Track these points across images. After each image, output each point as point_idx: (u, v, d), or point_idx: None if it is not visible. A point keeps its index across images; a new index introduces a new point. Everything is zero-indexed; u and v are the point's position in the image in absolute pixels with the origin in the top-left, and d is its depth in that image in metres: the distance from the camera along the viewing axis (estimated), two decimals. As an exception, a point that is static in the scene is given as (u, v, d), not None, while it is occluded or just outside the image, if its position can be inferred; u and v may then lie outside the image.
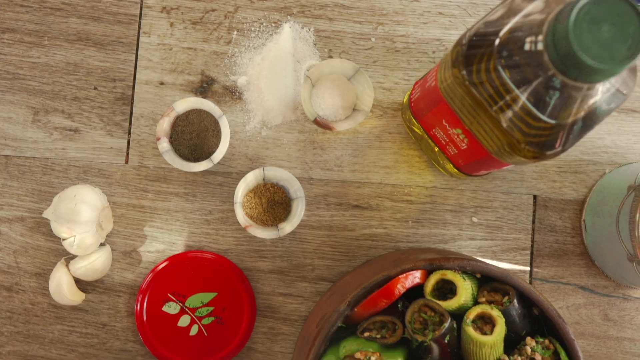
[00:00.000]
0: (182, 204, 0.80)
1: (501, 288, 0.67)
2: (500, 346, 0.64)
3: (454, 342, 0.64)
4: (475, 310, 0.63)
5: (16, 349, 0.78)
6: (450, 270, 0.65)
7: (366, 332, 0.65)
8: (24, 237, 0.79)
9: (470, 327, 0.62)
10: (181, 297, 0.78)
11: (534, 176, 0.82)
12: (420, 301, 0.64)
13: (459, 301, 0.64)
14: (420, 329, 0.63)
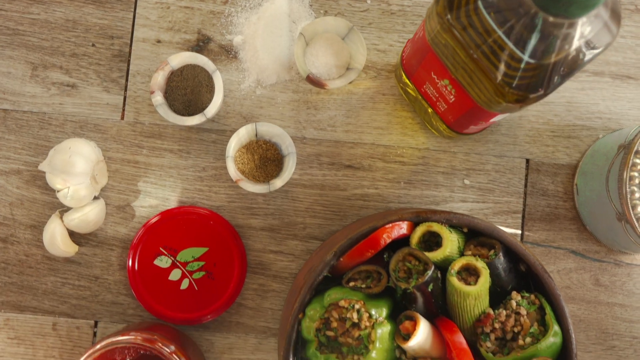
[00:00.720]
0: (176, 160, 0.81)
1: (487, 242, 0.67)
2: (485, 298, 0.64)
3: (438, 293, 0.64)
4: (460, 262, 0.64)
5: (10, 300, 0.79)
6: (436, 223, 0.65)
7: (351, 281, 0.66)
8: (20, 190, 0.80)
9: (455, 278, 0.63)
10: (172, 252, 0.78)
11: (527, 140, 0.82)
12: (405, 250, 0.64)
13: (444, 252, 0.64)
14: (405, 278, 0.63)
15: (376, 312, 0.63)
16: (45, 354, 0.79)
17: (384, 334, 0.62)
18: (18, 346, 0.79)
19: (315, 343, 0.63)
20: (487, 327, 0.63)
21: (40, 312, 0.80)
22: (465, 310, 0.64)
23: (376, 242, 0.65)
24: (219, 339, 0.80)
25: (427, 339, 0.63)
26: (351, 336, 0.62)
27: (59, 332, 0.79)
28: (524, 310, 0.63)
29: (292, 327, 0.64)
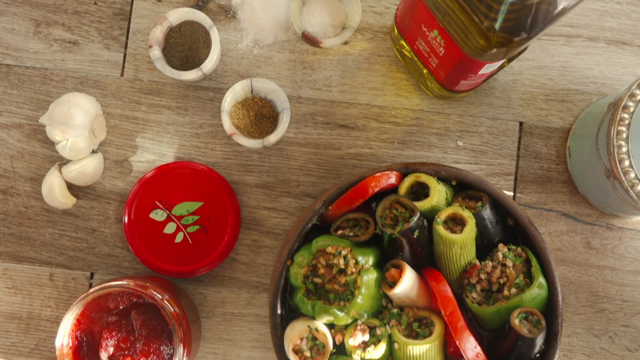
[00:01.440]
0: (173, 117, 0.82)
1: (475, 195, 0.68)
2: (471, 249, 0.65)
3: (425, 242, 0.65)
4: (447, 211, 0.64)
5: (8, 250, 0.81)
6: (424, 174, 0.66)
7: (339, 230, 0.67)
8: (21, 143, 0.82)
9: (441, 226, 0.63)
10: (168, 205, 0.80)
11: (521, 103, 0.83)
12: (392, 197, 0.65)
13: (431, 202, 0.65)
14: (391, 225, 0.64)
15: (363, 259, 0.64)
16: (42, 304, 0.81)
17: (370, 280, 0.63)
18: (15, 295, 0.81)
19: (302, 289, 0.64)
20: (473, 278, 0.64)
21: (37, 263, 0.81)
22: (452, 261, 0.65)
23: (364, 191, 0.66)
24: (212, 292, 0.81)
25: (412, 287, 0.64)
26: (338, 282, 0.63)
27: (55, 283, 0.81)
28: (510, 262, 0.64)
29: (281, 274, 0.65)
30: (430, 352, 0.62)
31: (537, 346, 0.62)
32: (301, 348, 0.63)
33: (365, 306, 0.64)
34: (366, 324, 0.63)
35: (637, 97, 0.68)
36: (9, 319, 0.81)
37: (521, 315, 0.62)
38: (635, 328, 0.81)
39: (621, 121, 0.68)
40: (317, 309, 0.63)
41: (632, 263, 0.82)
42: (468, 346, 0.61)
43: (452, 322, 0.61)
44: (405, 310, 0.65)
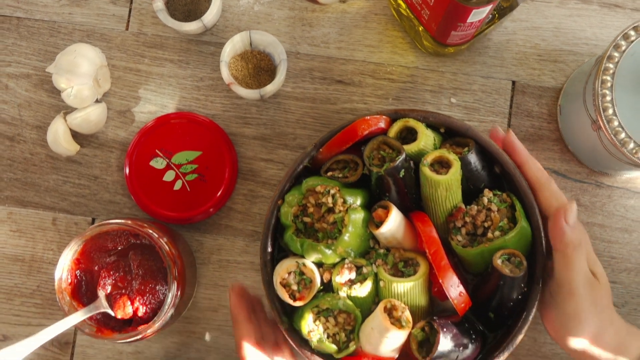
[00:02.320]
0: (175, 70, 0.85)
1: (463, 142, 0.69)
2: (456, 191, 0.66)
3: (412, 184, 0.67)
4: (433, 154, 0.66)
5: (14, 195, 0.84)
6: (413, 119, 0.68)
7: (329, 171, 0.69)
8: (29, 92, 0.85)
9: (427, 167, 0.65)
10: (168, 154, 0.82)
11: (514, 63, 0.85)
12: (380, 138, 0.67)
13: (418, 145, 0.67)
14: (378, 165, 0.66)
15: (351, 198, 0.66)
16: (45, 247, 0.84)
17: (357, 219, 0.65)
18: (19, 238, 0.84)
19: (292, 228, 0.67)
20: (459, 221, 0.65)
21: (41, 208, 0.84)
22: (438, 203, 0.66)
23: (354, 133, 0.68)
24: (209, 240, 0.84)
25: (399, 228, 0.65)
26: (326, 221, 0.65)
27: (58, 227, 0.84)
28: (495, 207, 0.66)
29: (272, 213, 0.68)
30: (415, 289, 0.64)
31: (518, 287, 0.64)
32: (289, 282, 0.65)
33: (352, 244, 0.65)
34: (353, 263, 0.65)
35: (622, 48, 0.70)
36: (12, 261, 0.83)
37: (504, 256, 0.63)
38: (622, 284, 0.83)
39: (606, 71, 0.70)
40: (306, 247, 0.65)
41: (620, 221, 0.83)
42: (451, 284, 0.63)
43: (436, 261, 0.63)
44: (391, 251, 0.66)
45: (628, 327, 0.68)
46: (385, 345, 0.61)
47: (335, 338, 0.64)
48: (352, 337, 0.64)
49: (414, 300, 0.64)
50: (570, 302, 0.63)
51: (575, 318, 0.63)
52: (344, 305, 0.64)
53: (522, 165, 0.67)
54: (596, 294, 0.63)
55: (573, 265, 0.62)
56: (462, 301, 0.63)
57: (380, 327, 0.61)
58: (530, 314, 0.65)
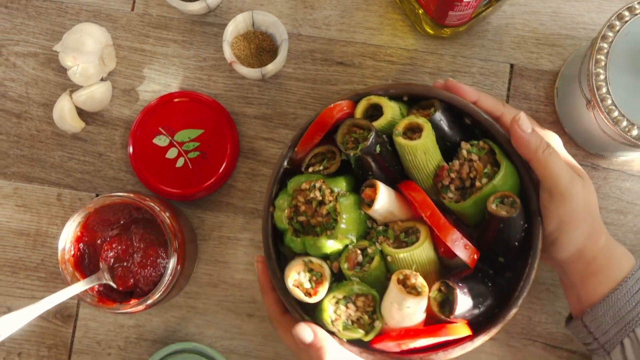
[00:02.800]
0: (179, 50, 0.87)
1: (428, 104, 0.70)
2: (434, 152, 0.67)
3: (389, 156, 0.67)
4: (403, 122, 0.67)
5: (20, 170, 0.86)
6: (375, 96, 0.69)
7: (310, 167, 0.70)
8: (36, 71, 0.87)
9: (400, 137, 0.66)
10: (170, 132, 0.84)
11: (512, 46, 0.86)
12: (348, 121, 0.68)
13: (386, 118, 0.68)
14: (353, 148, 0.67)
15: (337, 187, 0.67)
16: (49, 222, 0.85)
17: (348, 204, 0.66)
18: (25, 213, 0.85)
19: (290, 230, 0.68)
20: (445, 179, 0.67)
21: (46, 183, 0.86)
22: (420, 168, 0.67)
23: (323, 124, 0.69)
24: (210, 217, 0.85)
25: (390, 202, 0.67)
26: (320, 214, 0.67)
27: (62, 203, 0.86)
28: (476, 156, 0.67)
29: (267, 221, 0.69)
30: (421, 255, 0.65)
31: (518, 225, 0.65)
32: (300, 282, 0.66)
33: (350, 229, 0.66)
34: (357, 247, 0.66)
35: (616, 28, 0.71)
36: (17, 235, 0.85)
37: (497, 200, 0.64)
38: (617, 265, 0.84)
39: (600, 50, 0.71)
40: (308, 244, 0.66)
41: (616, 202, 0.84)
42: (454, 239, 0.64)
43: (434, 222, 0.64)
44: (390, 225, 0.68)
45: (616, 242, 0.70)
46: (407, 315, 0.62)
47: (359, 322, 0.65)
48: (376, 317, 0.65)
49: (424, 266, 0.65)
50: (565, 206, 0.64)
51: (571, 221, 0.64)
52: (359, 289, 0.65)
53: (476, 103, 0.68)
54: (586, 192, 0.65)
55: (552, 166, 0.63)
56: (470, 253, 0.64)
57: (398, 299, 0.62)
58: (537, 247, 0.66)
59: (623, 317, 0.66)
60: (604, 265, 0.67)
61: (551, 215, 0.65)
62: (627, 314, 0.66)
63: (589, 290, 0.68)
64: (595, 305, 0.67)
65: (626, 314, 0.66)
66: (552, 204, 0.64)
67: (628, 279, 0.67)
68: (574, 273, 0.69)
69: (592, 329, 0.68)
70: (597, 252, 0.67)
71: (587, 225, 0.66)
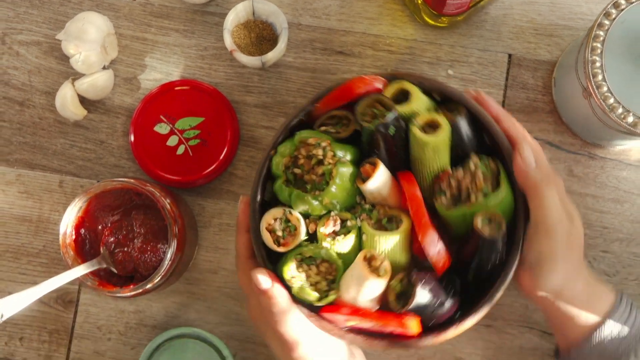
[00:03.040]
0: (180, 39, 0.88)
1: (456, 109, 0.71)
2: (444, 154, 0.68)
3: (401, 142, 0.68)
4: (425, 116, 0.67)
5: (23, 157, 0.87)
6: (408, 82, 0.70)
7: (323, 126, 0.71)
8: (39, 59, 0.88)
9: (417, 128, 0.67)
10: (171, 119, 0.85)
11: (511, 36, 0.87)
12: (374, 96, 0.69)
13: (411, 106, 0.68)
14: (370, 121, 0.67)
15: (341, 153, 0.67)
16: (51, 208, 0.86)
17: (345, 173, 0.67)
18: (27, 199, 0.86)
19: (282, 178, 0.69)
20: (444, 184, 0.67)
21: (49, 170, 0.87)
22: (425, 165, 0.68)
23: (350, 90, 0.69)
24: (210, 204, 0.86)
25: (384, 184, 0.67)
26: (315, 173, 0.67)
27: (64, 189, 0.87)
28: (480, 172, 0.67)
29: (264, 163, 0.70)
30: (396, 244, 0.65)
31: (496, 251, 0.65)
32: (274, 228, 0.67)
33: (339, 197, 0.67)
34: (338, 216, 0.67)
35: (612, 16, 0.72)
36: (20, 221, 0.86)
37: (484, 219, 0.65)
38: (613, 254, 0.84)
39: (596, 38, 0.72)
40: (294, 196, 0.67)
41: (612, 191, 0.85)
42: (430, 240, 0.64)
43: (417, 217, 0.65)
44: (376, 207, 0.68)
45: (597, 279, 0.70)
46: (363, 294, 0.63)
47: (316, 287, 0.66)
48: (333, 287, 0.66)
49: (394, 255, 0.65)
50: (547, 241, 0.64)
51: (550, 259, 0.65)
52: (327, 255, 0.65)
53: (497, 118, 0.69)
54: (572, 236, 0.65)
55: (546, 202, 0.64)
56: (441, 259, 0.65)
57: (359, 276, 0.63)
58: (508, 275, 0.66)
59: (610, 355, 0.67)
60: (584, 306, 0.67)
61: (533, 248, 0.65)
62: (614, 351, 0.67)
63: (572, 330, 0.68)
64: (579, 344, 0.68)
65: (613, 351, 0.67)
66: (535, 236, 0.65)
67: (610, 317, 0.67)
68: (554, 314, 0.69)
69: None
70: (574, 296, 0.67)
71: (567, 265, 0.66)
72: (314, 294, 0.65)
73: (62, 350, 0.85)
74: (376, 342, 0.66)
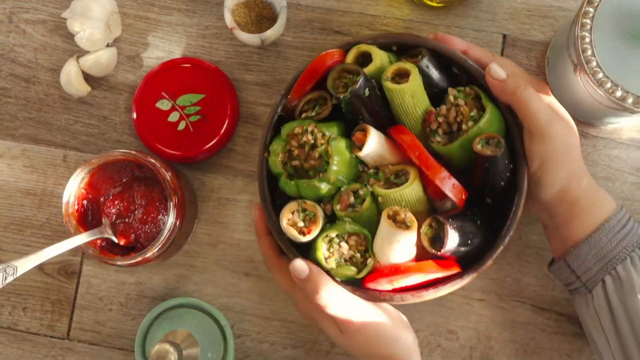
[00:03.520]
0: (182, 18, 0.90)
1: (417, 53, 0.73)
2: (422, 97, 0.70)
3: (378, 101, 0.70)
4: (391, 68, 0.70)
5: (28, 132, 0.89)
6: (364, 44, 0.72)
7: (303, 113, 0.73)
8: (44, 37, 0.90)
9: (388, 81, 0.69)
10: (173, 96, 0.87)
11: (505, 17, 0.89)
12: (337, 67, 0.71)
13: (375, 64, 0.71)
14: (343, 91, 0.69)
15: (329, 131, 0.70)
16: (55, 182, 0.89)
17: (339, 147, 0.69)
18: (32, 173, 0.89)
19: (284, 174, 0.71)
20: (433, 123, 0.69)
21: (53, 145, 0.89)
22: (409, 113, 0.70)
23: (314, 71, 0.72)
24: (210, 179, 0.88)
25: (380, 145, 0.69)
26: (312, 157, 0.69)
27: (68, 164, 0.89)
28: (462, 102, 0.69)
29: (262, 166, 0.72)
30: (411, 195, 0.67)
31: (503, 165, 0.67)
32: (294, 221, 0.69)
33: (342, 171, 0.69)
34: (349, 189, 0.69)
35: (602, -7, 0.73)
36: (24, 194, 0.88)
37: (482, 141, 0.67)
38: (604, 231, 0.86)
39: (586, 14, 0.73)
40: (301, 186, 0.69)
41: (604, 170, 0.87)
42: (442, 178, 0.66)
43: (422, 161, 0.67)
44: (380, 168, 0.70)
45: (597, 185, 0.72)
46: (398, 250, 0.65)
47: (352, 261, 0.68)
48: (368, 255, 0.67)
49: (413, 205, 0.67)
50: (544, 144, 0.66)
51: (552, 158, 0.67)
52: (352, 228, 0.67)
53: (466, 53, 0.71)
54: (567, 133, 0.67)
55: (530, 105, 0.66)
56: (458, 192, 0.67)
57: (388, 234, 0.64)
58: (523, 186, 0.68)
59: (605, 256, 0.69)
60: (587, 207, 0.70)
61: (533, 154, 0.67)
62: (609, 252, 0.69)
63: (572, 231, 0.70)
64: (578, 245, 0.70)
65: (608, 252, 0.69)
66: (532, 143, 0.67)
67: (610, 219, 0.70)
68: (558, 215, 0.71)
69: (574, 268, 0.71)
70: (580, 193, 0.69)
71: (569, 165, 0.68)
72: (352, 268, 0.67)
73: (65, 320, 0.87)
74: (424, 293, 0.68)
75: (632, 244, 0.70)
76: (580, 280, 0.71)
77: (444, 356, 0.86)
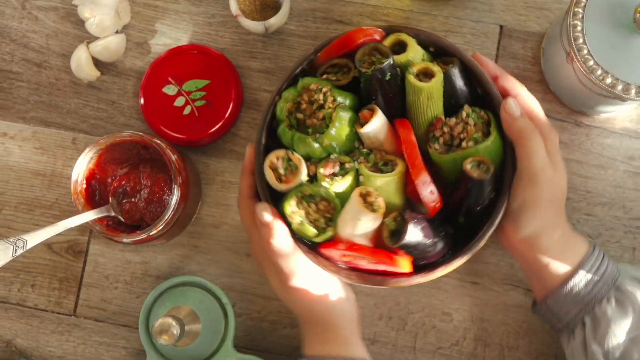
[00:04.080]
0: (189, 7, 0.93)
1: (450, 61, 0.75)
2: (437, 102, 0.72)
3: (397, 89, 0.72)
4: (420, 64, 0.72)
5: (39, 115, 0.92)
6: (405, 34, 0.74)
7: (324, 74, 0.75)
8: (56, 24, 0.93)
9: (412, 75, 0.71)
10: (179, 81, 0.90)
11: (502, 8, 0.91)
12: (372, 44, 0.73)
13: (407, 56, 0.73)
14: (368, 67, 0.72)
15: (341, 98, 0.72)
16: (64, 164, 0.92)
17: (344, 117, 0.71)
18: (42, 155, 0.92)
19: (286, 122, 0.73)
20: (438, 130, 0.71)
21: (63, 128, 0.92)
22: (420, 111, 0.72)
23: (350, 40, 0.74)
24: (214, 162, 0.91)
25: (381, 129, 0.72)
26: (316, 117, 0.72)
27: (77, 146, 0.92)
28: (472, 121, 0.72)
29: (269, 108, 0.75)
30: (391, 185, 0.70)
31: (486, 191, 0.70)
32: (276, 166, 0.71)
33: (338, 139, 0.71)
34: (338, 158, 0.72)
35: (595, -17, 0.76)
36: (34, 175, 0.91)
37: (473, 163, 0.69)
38: (596, 217, 0.88)
39: (578, 3, 0.76)
40: (296, 139, 0.71)
41: (596, 158, 0.89)
42: (423, 181, 0.68)
43: (410, 160, 0.69)
44: (373, 151, 0.73)
45: (573, 232, 0.74)
46: (358, 228, 0.67)
47: (315, 224, 0.70)
48: (330, 224, 0.70)
49: (389, 196, 0.70)
50: (530, 188, 0.69)
51: (532, 204, 0.69)
52: (326, 193, 0.70)
53: (495, 79, 0.73)
54: (555, 183, 0.69)
55: (529, 148, 0.68)
56: (433, 200, 0.69)
57: (355, 211, 0.67)
58: (496, 218, 0.71)
59: (582, 299, 0.72)
60: (557, 256, 0.72)
61: (517, 194, 0.70)
62: (586, 295, 0.71)
63: (548, 277, 0.73)
64: (555, 290, 0.73)
65: (585, 295, 0.71)
66: (519, 183, 0.70)
67: (584, 264, 0.72)
68: (531, 262, 0.74)
69: (555, 311, 0.74)
70: (551, 244, 0.72)
71: (547, 215, 0.70)
72: (313, 229, 0.70)
73: (71, 297, 0.90)
74: (369, 279, 0.71)
75: (607, 284, 0.72)
76: (562, 322, 0.74)
77: (438, 337, 0.88)
